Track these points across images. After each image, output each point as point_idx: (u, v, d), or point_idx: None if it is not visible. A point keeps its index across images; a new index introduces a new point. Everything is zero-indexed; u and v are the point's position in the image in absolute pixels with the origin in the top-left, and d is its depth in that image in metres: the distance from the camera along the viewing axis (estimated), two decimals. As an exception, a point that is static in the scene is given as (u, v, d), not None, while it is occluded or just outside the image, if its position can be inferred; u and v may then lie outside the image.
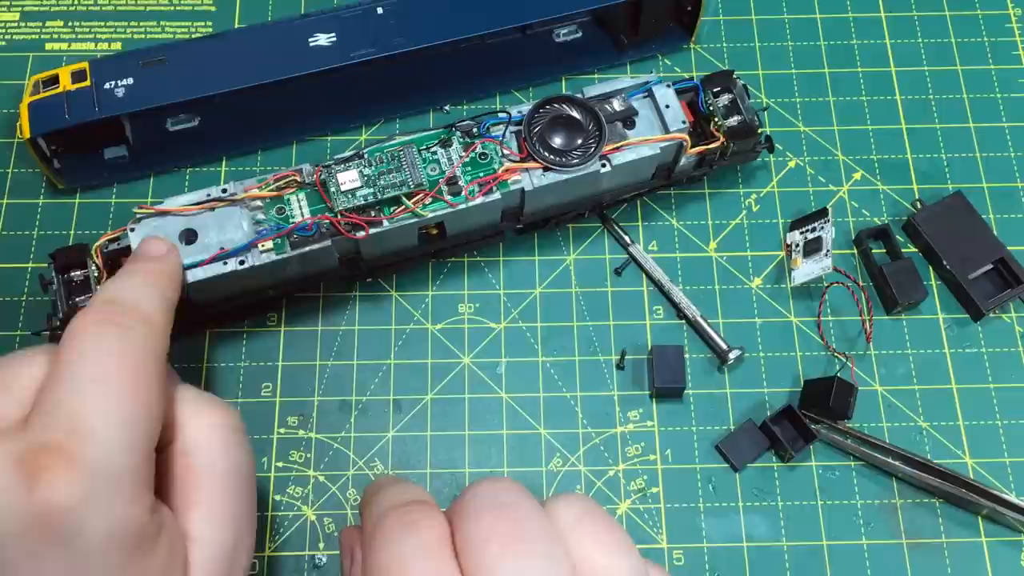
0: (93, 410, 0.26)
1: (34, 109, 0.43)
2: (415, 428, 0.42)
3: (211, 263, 0.38)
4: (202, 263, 0.38)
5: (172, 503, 0.30)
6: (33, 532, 0.24)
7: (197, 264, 0.38)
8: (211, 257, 0.38)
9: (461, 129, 0.41)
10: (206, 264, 0.38)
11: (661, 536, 0.41)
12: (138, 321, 0.29)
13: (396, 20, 0.45)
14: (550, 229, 0.46)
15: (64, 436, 0.25)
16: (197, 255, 0.38)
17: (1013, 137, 0.49)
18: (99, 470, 0.25)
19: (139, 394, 0.27)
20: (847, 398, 0.41)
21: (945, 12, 0.52)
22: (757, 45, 0.51)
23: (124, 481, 0.26)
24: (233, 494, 0.31)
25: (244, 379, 0.43)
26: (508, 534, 0.25)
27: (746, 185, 0.48)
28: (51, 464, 0.25)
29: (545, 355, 0.44)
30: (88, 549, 0.25)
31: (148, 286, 0.32)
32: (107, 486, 0.26)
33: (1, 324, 0.44)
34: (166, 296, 0.32)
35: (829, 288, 0.44)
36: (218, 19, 0.51)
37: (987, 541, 0.41)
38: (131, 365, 0.28)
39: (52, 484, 0.25)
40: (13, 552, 0.24)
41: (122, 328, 0.29)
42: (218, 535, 0.30)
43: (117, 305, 0.30)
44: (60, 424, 0.26)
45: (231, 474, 0.31)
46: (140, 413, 0.27)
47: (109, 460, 0.26)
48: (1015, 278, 0.44)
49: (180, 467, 0.30)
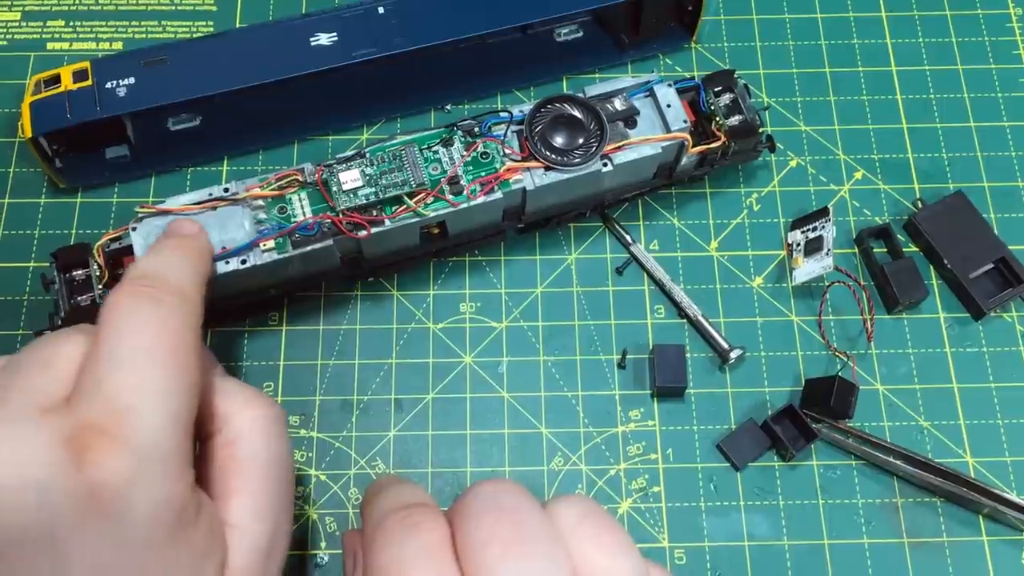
0: (134, 386, 0.26)
1: (36, 108, 0.43)
2: (416, 427, 0.42)
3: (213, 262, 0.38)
4: (204, 262, 0.38)
5: (214, 491, 0.30)
6: (82, 510, 0.25)
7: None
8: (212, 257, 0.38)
9: (463, 128, 0.41)
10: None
11: (662, 535, 0.41)
12: (171, 293, 0.29)
13: (397, 20, 0.45)
14: (551, 228, 0.46)
15: (108, 414, 0.26)
16: (199, 254, 0.38)
17: (1014, 136, 0.49)
18: (144, 447, 0.26)
19: (177, 367, 0.27)
20: (848, 397, 0.41)
21: (946, 11, 0.52)
22: (758, 44, 0.51)
23: (168, 457, 0.26)
24: (274, 485, 0.31)
25: (246, 378, 0.43)
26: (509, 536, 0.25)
27: (747, 184, 0.48)
28: (97, 442, 0.25)
29: (546, 354, 0.44)
30: (134, 525, 0.25)
31: (180, 259, 0.32)
32: (152, 463, 0.26)
33: (3, 323, 0.44)
34: (198, 270, 0.32)
35: (830, 287, 0.44)
36: (219, 19, 0.51)
37: (988, 540, 0.41)
38: (167, 338, 0.28)
39: (99, 462, 0.25)
40: (63, 530, 0.24)
41: (156, 301, 0.29)
42: (258, 524, 0.30)
43: (149, 279, 0.30)
44: (103, 402, 0.26)
45: (273, 465, 0.31)
46: (179, 386, 0.27)
47: (153, 436, 0.26)
48: (1016, 277, 0.44)
49: (223, 456, 0.30)
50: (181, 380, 0.27)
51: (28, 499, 0.24)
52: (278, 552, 0.31)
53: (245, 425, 0.31)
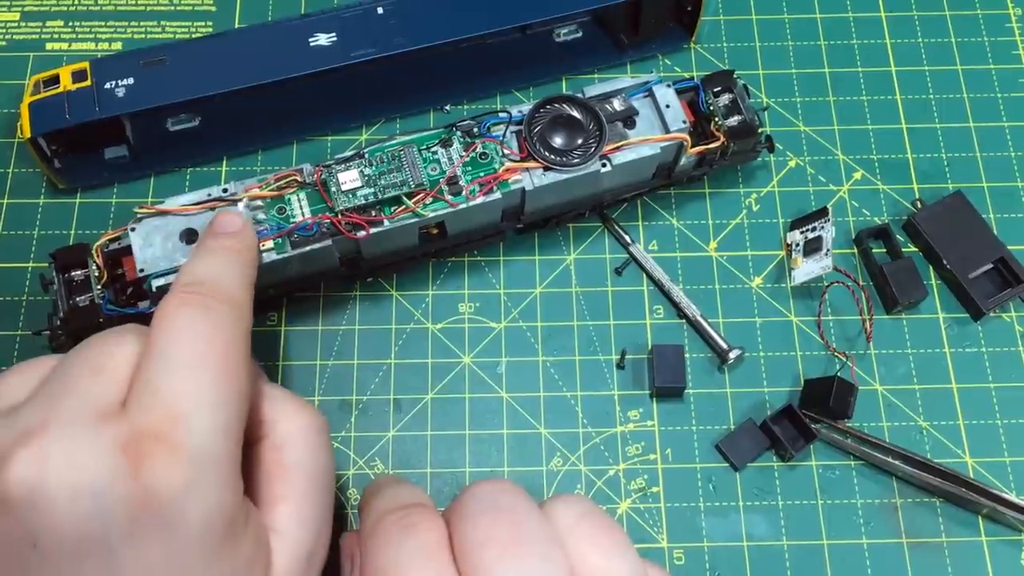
0: (189, 394, 0.26)
1: (35, 109, 0.43)
2: (415, 428, 0.42)
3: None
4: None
5: (259, 498, 0.30)
6: (136, 517, 0.24)
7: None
8: (212, 257, 0.38)
9: (462, 129, 0.41)
10: (207, 264, 0.38)
11: (661, 536, 0.41)
12: (222, 301, 0.29)
13: (397, 20, 0.45)
14: (550, 229, 0.46)
15: (164, 421, 0.25)
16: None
17: (1013, 137, 0.49)
18: (199, 455, 0.26)
19: (230, 375, 0.27)
20: (847, 397, 0.41)
21: (945, 12, 0.52)
22: (757, 45, 0.51)
23: (222, 466, 0.26)
24: (318, 493, 0.31)
25: (245, 379, 0.43)
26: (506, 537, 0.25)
27: (746, 185, 0.48)
28: (153, 450, 0.25)
29: (545, 355, 0.44)
30: (187, 533, 0.25)
31: (229, 264, 0.32)
32: (207, 471, 0.26)
33: (2, 324, 0.44)
34: (246, 273, 0.32)
35: (829, 288, 0.44)
36: (218, 19, 0.51)
37: (987, 540, 0.41)
38: (220, 347, 0.28)
39: (155, 469, 0.25)
40: (117, 537, 0.24)
41: (208, 309, 0.29)
42: (302, 532, 0.30)
43: (202, 286, 0.30)
44: (158, 409, 0.26)
45: (318, 473, 0.31)
46: (232, 394, 0.27)
47: (208, 444, 0.26)
48: (1015, 277, 0.44)
49: (270, 463, 0.30)
50: (233, 388, 0.27)
51: (83, 506, 0.24)
52: (318, 560, 0.31)
53: (292, 432, 0.31)
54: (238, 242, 0.34)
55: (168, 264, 0.38)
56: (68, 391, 0.26)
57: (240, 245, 0.33)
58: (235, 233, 0.34)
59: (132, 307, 0.39)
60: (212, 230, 0.34)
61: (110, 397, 0.26)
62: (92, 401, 0.26)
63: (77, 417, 0.25)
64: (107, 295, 0.39)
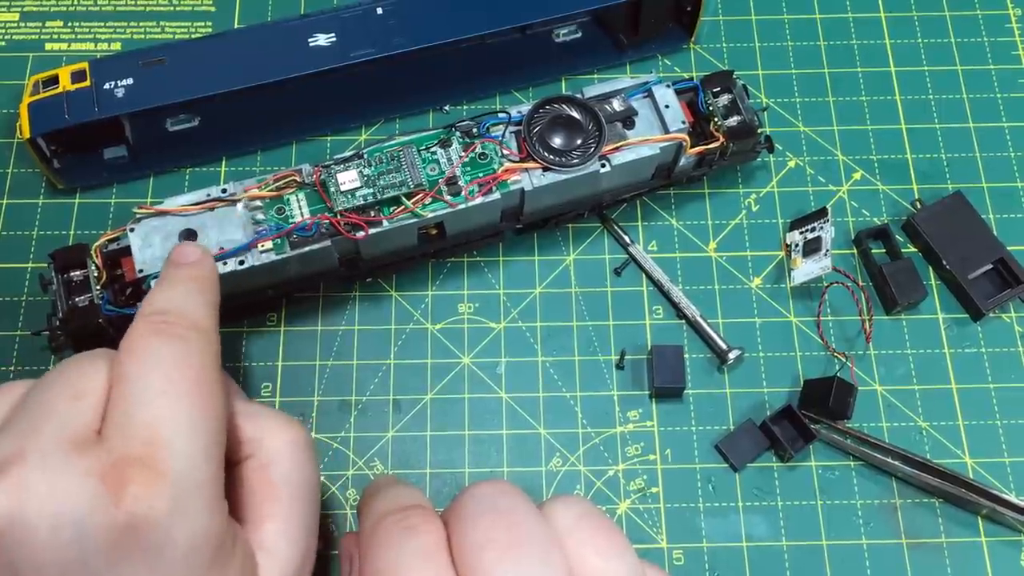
0: (166, 420, 0.26)
1: (34, 109, 0.43)
2: (415, 428, 0.42)
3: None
4: (202, 263, 0.38)
5: (245, 516, 0.30)
6: (119, 545, 0.24)
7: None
8: (211, 257, 0.38)
9: (461, 129, 0.41)
10: (206, 264, 0.38)
11: (661, 536, 0.41)
12: (189, 328, 0.29)
13: (396, 20, 0.45)
14: (550, 229, 0.46)
15: (143, 448, 0.25)
16: (197, 255, 0.38)
17: (1013, 137, 0.49)
18: (181, 479, 0.25)
19: (204, 399, 0.27)
20: (847, 398, 0.41)
21: (945, 12, 0.52)
22: (757, 45, 0.51)
23: (204, 490, 0.26)
24: (306, 508, 0.31)
25: (244, 379, 0.43)
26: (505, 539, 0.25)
27: (746, 185, 0.48)
28: (135, 477, 0.25)
29: (545, 355, 0.44)
30: (173, 559, 0.25)
31: (192, 293, 0.32)
32: (190, 496, 0.26)
33: (1, 324, 0.44)
34: (209, 300, 0.32)
35: (829, 288, 0.44)
36: (218, 19, 0.51)
37: (987, 541, 0.41)
38: (192, 373, 0.28)
39: (138, 497, 0.24)
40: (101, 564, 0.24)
41: (175, 337, 0.29)
42: (290, 548, 0.30)
43: (168, 315, 0.30)
44: (137, 436, 0.26)
45: (305, 488, 0.31)
46: (209, 418, 0.27)
47: (190, 469, 0.26)
48: (1015, 278, 0.44)
49: (257, 481, 0.30)
50: (209, 411, 0.27)
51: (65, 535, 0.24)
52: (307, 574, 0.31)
53: (279, 449, 0.31)
54: (198, 271, 0.34)
55: (167, 264, 0.38)
56: (44, 418, 0.26)
57: (200, 273, 0.33)
58: (195, 262, 0.34)
59: (131, 307, 0.39)
60: (172, 261, 0.34)
61: (87, 424, 0.26)
62: (70, 429, 0.26)
63: (56, 445, 0.25)
64: (106, 295, 0.39)
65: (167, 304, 0.30)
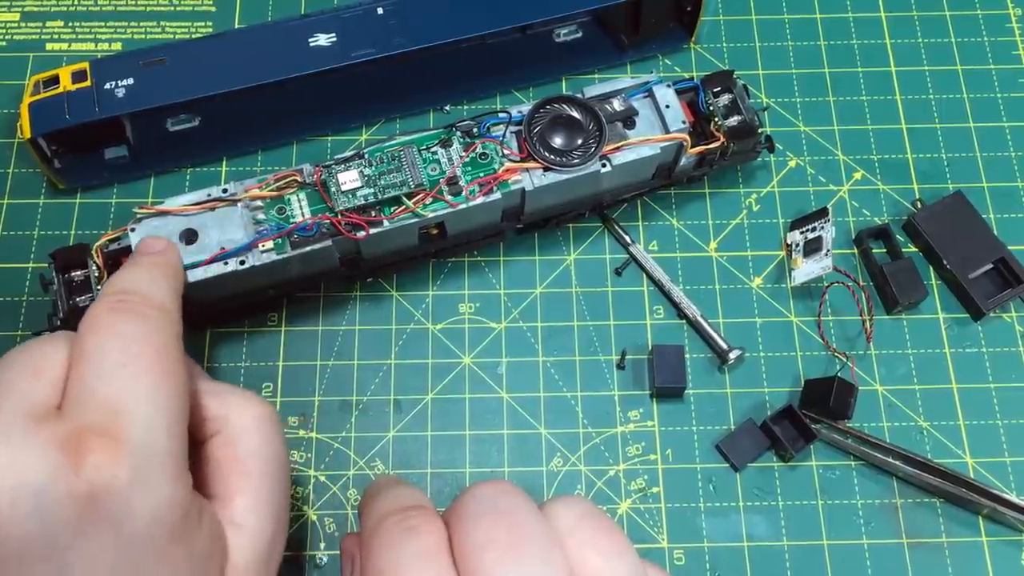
0: (126, 392, 0.26)
1: (35, 109, 0.43)
2: (416, 428, 0.42)
3: (211, 263, 0.38)
4: (202, 263, 0.38)
5: (214, 492, 0.30)
6: (82, 515, 0.24)
7: (197, 264, 0.38)
8: (211, 257, 0.38)
9: (461, 129, 0.41)
10: (206, 264, 0.38)
11: (662, 536, 0.41)
12: (152, 307, 0.30)
13: (396, 20, 0.45)
14: (550, 229, 0.46)
15: (104, 419, 0.26)
16: (197, 255, 0.38)
17: (1013, 137, 0.49)
18: (143, 450, 0.26)
19: (167, 375, 0.28)
20: (847, 398, 0.41)
21: (945, 12, 0.52)
22: (757, 45, 0.51)
23: (167, 461, 0.26)
24: (275, 483, 0.31)
25: (245, 379, 0.43)
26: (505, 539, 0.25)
27: (746, 185, 0.48)
28: (96, 446, 0.25)
29: (545, 355, 0.44)
30: (135, 530, 0.25)
31: (155, 277, 0.32)
32: (151, 466, 0.26)
33: (2, 324, 0.44)
34: (172, 285, 0.33)
35: (829, 288, 0.44)
36: (218, 19, 0.51)
37: (988, 541, 0.41)
38: (154, 348, 0.28)
39: (98, 466, 0.25)
40: (63, 536, 0.24)
41: (137, 314, 0.29)
42: (261, 522, 0.30)
43: (129, 294, 0.30)
44: (98, 408, 0.26)
45: (274, 463, 0.31)
46: (171, 393, 0.28)
47: (151, 440, 0.26)
48: (1015, 278, 0.44)
49: (224, 457, 0.30)
50: (170, 385, 0.28)
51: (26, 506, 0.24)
52: (278, 550, 0.31)
53: (245, 424, 0.31)
54: (162, 258, 0.34)
55: (168, 264, 0.38)
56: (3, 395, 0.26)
57: (164, 260, 0.34)
58: (160, 252, 0.35)
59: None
60: (138, 250, 0.35)
61: (46, 400, 0.26)
62: (28, 403, 0.26)
63: (14, 419, 0.25)
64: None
65: (128, 285, 0.31)
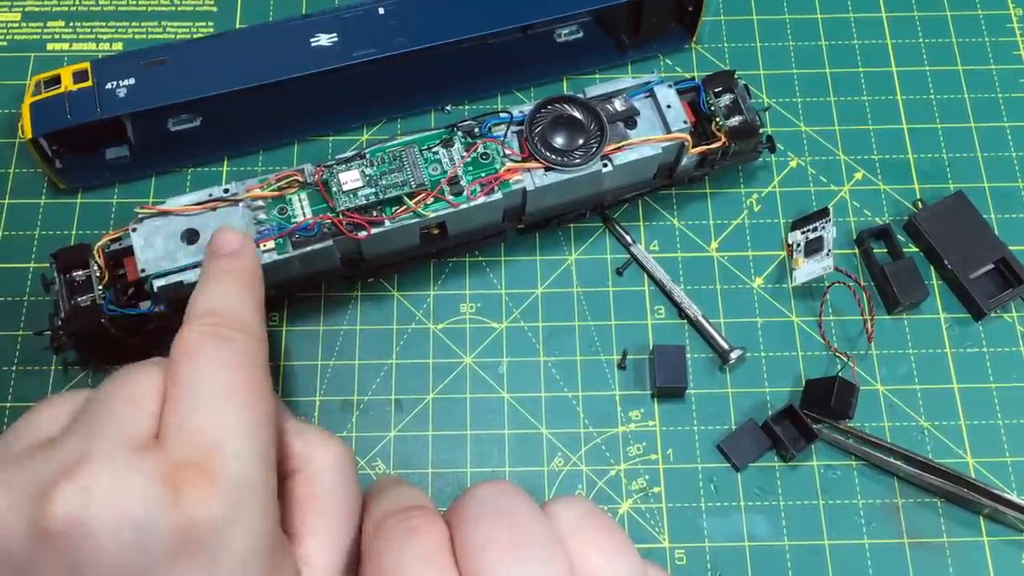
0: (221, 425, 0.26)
1: (36, 109, 0.43)
2: (417, 428, 0.42)
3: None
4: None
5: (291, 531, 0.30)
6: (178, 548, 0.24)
7: (198, 264, 0.38)
8: (213, 257, 0.38)
9: (463, 129, 0.41)
10: (208, 264, 0.38)
11: (663, 536, 0.41)
12: (239, 330, 0.29)
13: (398, 20, 0.45)
14: (552, 229, 0.46)
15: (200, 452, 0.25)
16: (198, 255, 0.38)
17: (1014, 137, 0.49)
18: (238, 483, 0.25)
19: (258, 403, 0.28)
20: (848, 398, 0.41)
21: (946, 12, 0.52)
22: (758, 45, 0.51)
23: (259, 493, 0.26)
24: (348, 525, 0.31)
25: (246, 379, 0.43)
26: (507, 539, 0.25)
27: (747, 185, 0.48)
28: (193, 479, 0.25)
29: (547, 355, 0.44)
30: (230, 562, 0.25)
31: (240, 292, 0.32)
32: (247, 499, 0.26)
33: (3, 324, 0.44)
34: (255, 297, 0.32)
35: (830, 288, 0.44)
36: (219, 19, 0.51)
37: (989, 540, 0.41)
38: (244, 376, 0.28)
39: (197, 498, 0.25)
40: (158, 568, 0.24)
41: (227, 340, 0.29)
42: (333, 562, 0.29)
43: (217, 316, 0.30)
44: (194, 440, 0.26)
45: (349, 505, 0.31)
46: (263, 422, 0.27)
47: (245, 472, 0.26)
48: (1016, 278, 0.44)
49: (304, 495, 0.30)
50: (262, 415, 0.27)
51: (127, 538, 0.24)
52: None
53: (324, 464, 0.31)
54: (241, 262, 0.33)
55: (170, 264, 0.38)
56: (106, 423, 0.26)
57: (243, 265, 0.33)
58: (236, 253, 0.34)
59: (133, 308, 0.39)
60: (212, 251, 0.34)
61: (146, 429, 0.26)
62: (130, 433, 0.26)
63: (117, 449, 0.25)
64: (108, 295, 0.39)
65: (216, 305, 0.30)
